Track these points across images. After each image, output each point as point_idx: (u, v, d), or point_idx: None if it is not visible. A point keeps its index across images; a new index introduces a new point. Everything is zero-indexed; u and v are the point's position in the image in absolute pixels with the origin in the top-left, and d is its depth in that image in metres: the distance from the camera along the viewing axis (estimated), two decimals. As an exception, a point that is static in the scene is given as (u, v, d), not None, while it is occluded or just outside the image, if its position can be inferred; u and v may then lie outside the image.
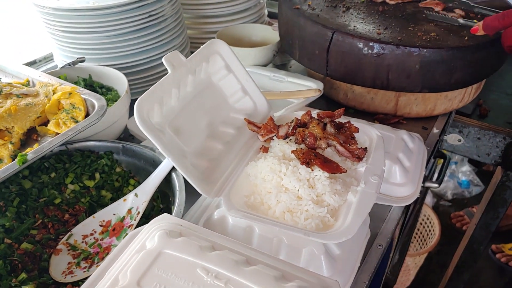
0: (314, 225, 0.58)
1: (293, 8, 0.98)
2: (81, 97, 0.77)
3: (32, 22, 1.16)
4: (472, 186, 2.68)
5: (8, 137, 0.71)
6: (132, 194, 0.71)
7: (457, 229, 2.45)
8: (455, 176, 2.71)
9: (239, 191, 0.65)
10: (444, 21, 0.91)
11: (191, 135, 0.69)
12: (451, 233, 2.38)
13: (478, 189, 2.66)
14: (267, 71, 1.08)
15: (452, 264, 1.86)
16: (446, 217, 2.57)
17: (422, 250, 2.14)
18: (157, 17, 0.98)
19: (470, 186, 2.68)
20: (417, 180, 0.76)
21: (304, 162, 0.61)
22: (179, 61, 0.67)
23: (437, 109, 0.99)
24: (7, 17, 1.49)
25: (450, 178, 2.69)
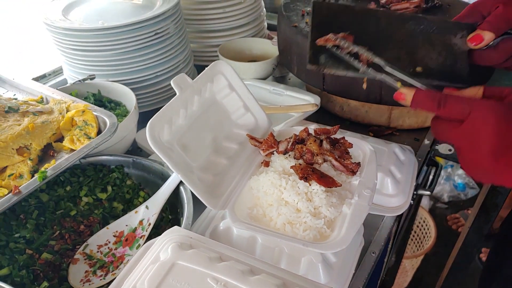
0: (312, 236, 0.63)
1: (291, 26, 1.03)
2: (93, 114, 0.83)
3: (32, 22, 1.18)
4: (468, 189, 2.74)
5: (27, 153, 0.76)
6: (143, 207, 0.76)
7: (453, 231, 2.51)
8: (451, 179, 2.77)
9: (242, 203, 0.70)
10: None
11: (197, 151, 0.74)
12: (447, 235, 2.44)
13: (473, 192, 2.72)
14: (267, 84, 1.13)
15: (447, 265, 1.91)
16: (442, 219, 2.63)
17: (418, 252, 2.20)
18: (162, 35, 1.03)
19: (466, 188, 2.74)
20: (408, 191, 0.81)
21: (302, 177, 0.66)
22: (186, 83, 0.73)
23: (429, 121, 1.04)
24: (7, 17, 1.53)
25: (446, 181, 2.75)
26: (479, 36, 0.68)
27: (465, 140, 0.54)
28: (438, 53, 0.71)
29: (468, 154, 0.55)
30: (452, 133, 0.56)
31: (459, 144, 0.56)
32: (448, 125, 0.56)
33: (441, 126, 0.57)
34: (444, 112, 0.55)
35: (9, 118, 0.80)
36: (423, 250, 2.15)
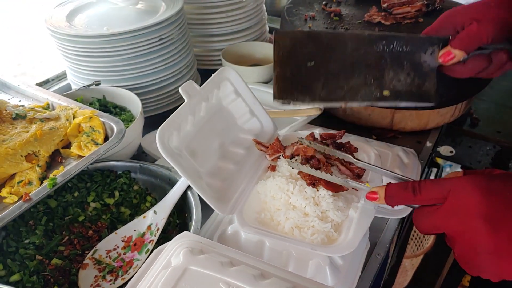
0: (320, 239, 0.64)
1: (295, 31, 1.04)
2: (100, 120, 0.83)
3: (33, 23, 1.18)
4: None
5: (35, 160, 0.77)
6: (151, 212, 0.77)
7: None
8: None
9: (250, 208, 0.71)
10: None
11: (205, 156, 0.75)
12: (447, 234, 2.46)
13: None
14: (270, 88, 1.14)
15: (447, 264, 1.93)
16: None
17: (418, 252, 2.22)
18: (166, 40, 1.04)
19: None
20: (412, 193, 0.82)
21: (311, 183, 0.67)
22: (193, 90, 0.74)
23: (430, 124, 1.05)
24: (7, 17, 1.54)
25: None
26: (449, 53, 0.67)
27: (451, 220, 0.50)
28: (406, 74, 0.69)
29: (460, 235, 0.50)
30: (436, 218, 0.51)
31: (446, 226, 0.51)
32: (429, 210, 0.52)
33: (422, 213, 0.53)
34: (421, 198, 0.53)
35: (16, 125, 0.81)
36: (423, 250, 2.16)
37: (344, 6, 1.21)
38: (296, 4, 1.19)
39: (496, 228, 0.47)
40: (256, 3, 1.32)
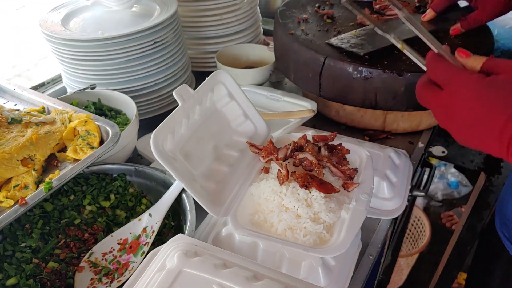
0: (312, 240, 0.65)
1: (288, 33, 1.05)
2: (95, 124, 0.84)
3: (30, 24, 1.17)
4: (461, 187, 2.78)
5: (31, 164, 0.77)
6: (147, 214, 0.78)
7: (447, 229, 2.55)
8: (445, 178, 2.81)
9: (244, 210, 0.72)
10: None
11: (199, 159, 0.76)
12: (441, 232, 2.48)
13: (466, 189, 2.76)
14: (264, 90, 1.15)
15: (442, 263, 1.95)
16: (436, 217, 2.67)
17: (413, 251, 2.24)
18: (161, 43, 1.05)
19: (459, 186, 2.79)
20: (403, 194, 0.84)
21: (303, 185, 0.69)
22: (187, 93, 0.75)
23: (422, 125, 1.07)
24: (4, 18, 1.54)
25: (440, 180, 2.79)
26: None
27: (439, 109, 0.56)
28: None
29: (444, 124, 0.57)
30: (430, 99, 0.58)
31: (435, 111, 0.58)
32: (431, 90, 0.58)
33: (425, 89, 0.59)
34: (429, 71, 0.58)
35: (12, 129, 0.82)
36: (418, 249, 2.18)
37: (337, 8, 1.22)
38: (289, 7, 1.20)
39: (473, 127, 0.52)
40: (250, 5, 1.33)
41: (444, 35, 1.05)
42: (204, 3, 1.23)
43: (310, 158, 0.73)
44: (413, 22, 0.70)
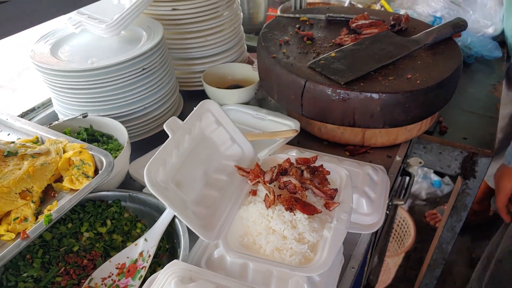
0: (298, 260, 0.71)
1: (270, 57, 1.11)
2: (89, 153, 0.88)
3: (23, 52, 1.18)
4: (444, 185, 2.88)
5: (29, 196, 0.81)
6: (142, 239, 0.82)
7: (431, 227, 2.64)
8: (428, 177, 2.91)
9: (234, 232, 0.77)
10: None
11: (190, 185, 0.81)
12: (426, 230, 2.57)
13: (449, 188, 2.86)
14: (250, 109, 1.20)
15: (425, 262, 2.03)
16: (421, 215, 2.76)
17: (400, 251, 2.32)
18: (149, 69, 1.09)
19: (442, 185, 2.88)
20: (382, 209, 0.90)
21: (288, 208, 0.74)
22: (177, 125, 0.80)
23: (399, 139, 1.13)
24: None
25: (424, 179, 2.89)
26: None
27: None
28: None
29: None
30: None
31: None
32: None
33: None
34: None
35: (9, 162, 0.85)
36: (404, 248, 2.26)
37: (317, 28, 1.28)
38: (271, 29, 1.25)
39: None
40: (233, 26, 1.38)
41: (417, 53, 1.12)
42: (189, 26, 1.28)
43: (293, 181, 0.78)
44: None
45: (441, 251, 1.83)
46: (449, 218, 1.68)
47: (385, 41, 1.16)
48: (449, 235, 1.74)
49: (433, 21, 1.96)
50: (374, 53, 1.11)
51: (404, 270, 2.42)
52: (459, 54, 1.12)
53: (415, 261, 2.47)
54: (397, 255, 2.28)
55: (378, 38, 1.17)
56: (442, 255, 1.84)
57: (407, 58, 1.10)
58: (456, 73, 1.05)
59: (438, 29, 1.17)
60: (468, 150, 1.42)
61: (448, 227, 1.71)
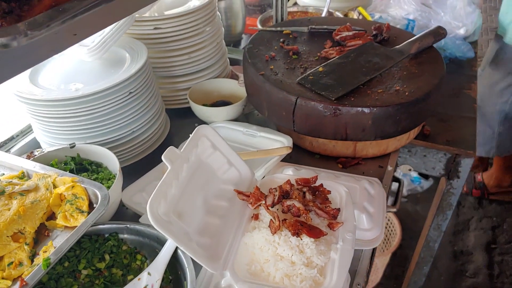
0: (309, 286, 0.71)
1: (259, 74, 1.10)
2: (82, 187, 0.85)
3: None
4: (423, 182, 2.96)
5: (22, 238, 0.77)
6: (145, 273, 0.80)
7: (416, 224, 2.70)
8: (408, 174, 2.98)
9: (240, 261, 0.76)
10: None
11: (191, 215, 0.79)
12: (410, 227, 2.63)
13: (428, 183, 2.94)
14: (240, 126, 1.19)
15: (413, 260, 2.08)
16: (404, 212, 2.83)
17: (387, 251, 2.36)
18: (136, 93, 1.06)
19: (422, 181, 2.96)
20: (381, 223, 0.91)
21: (295, 233, 0.74)
22: (175, 155, 0.78)
23: (389, 148, 1.15)
24: None
25: (404, 177, 2.96)
26: None
27: None
28: None
29: None
30: None
31: None
32: None
33: None
34: None
35: (-3, 203, 0.81)
36: (391, 248, 2.30)
37: (301, 41, 1.29)
38: (256, 44, 1.25)
39: None
40: (216, 41, 1.37)
41: (402, 63, 1.14)
42: (172, 44, 1.26)
43: (297, 205, 0.78)
44: None
45: (428, 249, 1.87)
46: (435, 217, 1.72)
47: (370, 52, 1.17)
48: (436, 233, 1.79)
49: (407, 24, 2.00)
50: (361, 65, 1.12)
51: (391, 268, 2.47)
52: (442, 63, 1.14)
53: (402, 258, 2.52)
54: (385, 255, 2.31)
55: (363, 50, 1.19)
56: (429, 253, 1.88)
57: (393, 69, 1.12)
58: (441, 82, 1.07)
59: (420, 39, 1.20)
60: (451, 152, 1.46)
61: (435, 226, 1.76)
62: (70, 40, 0.61)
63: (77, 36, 0.62)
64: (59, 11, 0.47)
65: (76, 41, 0.62)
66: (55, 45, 0.58)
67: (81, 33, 0.62)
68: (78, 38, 0.62)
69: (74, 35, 0.61)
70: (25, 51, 0.52)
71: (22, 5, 0.48)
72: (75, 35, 0.61)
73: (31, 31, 0.43)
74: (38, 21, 0.44)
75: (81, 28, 0.60)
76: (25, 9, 0.49)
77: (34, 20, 0.44)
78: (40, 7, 0.49)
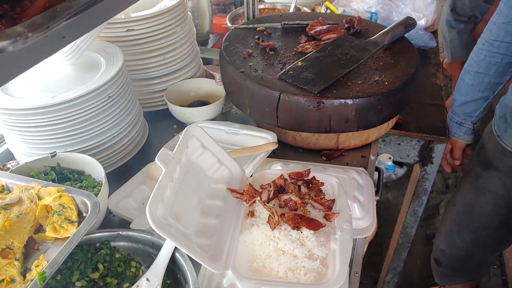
0: (313, 277, 0.71)
1: (239, 72, 1.10)
2: (69, 196, 0.82)
3: None
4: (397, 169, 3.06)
5: (11, 254, 0.74)
6: (144, 279, 0.78)
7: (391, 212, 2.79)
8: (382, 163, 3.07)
9: (241, 258, 0.76)
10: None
11: (187, 217, 0.78)
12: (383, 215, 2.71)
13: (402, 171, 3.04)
14: (221, 125, 1.19)
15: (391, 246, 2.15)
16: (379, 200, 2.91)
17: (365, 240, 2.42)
18: (114, 97, 1.03)
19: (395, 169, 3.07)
20: (372, 211, 0.93)
21: (295, 227, 0.74)
22: (168, 156, 0.76)
23: (370, 138, 1.18)
24: None
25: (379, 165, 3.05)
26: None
27: None
28: None
29: None
30: None
31: None
32: None
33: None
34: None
35: (-21, 219, 0.76)
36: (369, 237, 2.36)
37: (275, 37, 1.29)
38: (231, 42, 1.24)
39: None
40: (189, 41, 1.35)
41: (377, 54, 1.17)
42: (146, 45, 1.23)
43: (294, 198, 0.79)
44: None
45: (406, 235, 1.94)
46: (412, 203, 1.78)
47: (345, 45, 1.20)
48: (412, 219, 1.85)
49: (370, 17, 2.06)
50: (338, 58, 1.14)
51: (368, 256, 2.54)
52: (415, 52, 1.19)
53: (377, 246, 2.60)
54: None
55: (338, 43, 1.21)
56: (407, 238, 1.95)
57: (369, 60, 1.15)
58: (417, 70, 1.11)
59: (392, 29, 1.23)
60: (424, 138, 1.51)
61: (411, 212, 1.82)
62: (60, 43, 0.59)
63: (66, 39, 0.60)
64: (56, 11, 0.45)
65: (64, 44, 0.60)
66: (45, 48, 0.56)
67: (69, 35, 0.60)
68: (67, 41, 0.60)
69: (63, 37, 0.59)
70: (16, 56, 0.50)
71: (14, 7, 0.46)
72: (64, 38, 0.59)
73: (32, 33, 0.41)
74: (37, 22, 0.42)
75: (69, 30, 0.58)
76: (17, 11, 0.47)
77: (33, 22, 0.42)
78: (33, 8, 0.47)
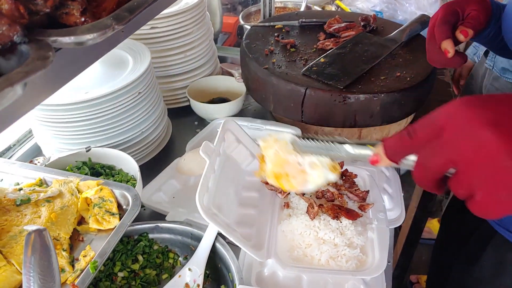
0: (354, 265, 0.74)
1: (263, 68, 1.12)
2: (109, 189, 0.83)
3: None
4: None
5: (59, 245, 0.75)
6: (186, 269, 0.80)
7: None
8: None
9: (281, 248, 0.78)
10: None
11: (228, 208, 0.80)
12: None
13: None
14: (244, 121, 1.20)
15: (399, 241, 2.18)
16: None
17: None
18: (144, 93, 1.05)
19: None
20: (400, 202, 0.96)
21: (335, 217, 0.77)
22: (210, 149, 0.78)
23: (391, 133, 1.21)
24: None
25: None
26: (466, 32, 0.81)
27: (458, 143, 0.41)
28: None
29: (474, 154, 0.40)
30: (441, 150, 0.42)
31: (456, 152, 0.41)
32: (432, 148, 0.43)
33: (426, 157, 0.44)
34: (419, 137, 0.44)
35: (25, 212, 0.78)
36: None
37: (294, 34, 1.32)
38: (252, 40, 1.26)
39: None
40: (208, 38, 1.37)
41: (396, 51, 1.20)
42: (168, 43, 1.25)
43: (332, 190, 0.81)
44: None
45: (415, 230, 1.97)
46: (422, 199, 1.82)
47: (365, 42, 1.23)
48: (422, 214, 1.89)
49: (376, 16, 2.09)
50: (360, 55, 1.17)
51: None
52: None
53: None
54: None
55: (358, 40, 1.24)
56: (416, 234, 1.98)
57: (389, 57, 1.18)
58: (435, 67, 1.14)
59: (409, 27, 1.27)
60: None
61: (421, 207, 1.86)
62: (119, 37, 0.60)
63: (124, 34, 0.61)
64: (134, 5, 0.47)
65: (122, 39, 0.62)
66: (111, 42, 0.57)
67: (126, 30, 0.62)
68: (124, 36, 0.62)
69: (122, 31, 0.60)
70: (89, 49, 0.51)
71: (91, 1, 0.48)
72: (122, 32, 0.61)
73: (118, 26, 0.43)
74: (121, 15, 0.44)
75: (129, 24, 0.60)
76: (93, 5, 0.48)
77: (117, 15, 0.44)
78: (108, 3, 0.49)
